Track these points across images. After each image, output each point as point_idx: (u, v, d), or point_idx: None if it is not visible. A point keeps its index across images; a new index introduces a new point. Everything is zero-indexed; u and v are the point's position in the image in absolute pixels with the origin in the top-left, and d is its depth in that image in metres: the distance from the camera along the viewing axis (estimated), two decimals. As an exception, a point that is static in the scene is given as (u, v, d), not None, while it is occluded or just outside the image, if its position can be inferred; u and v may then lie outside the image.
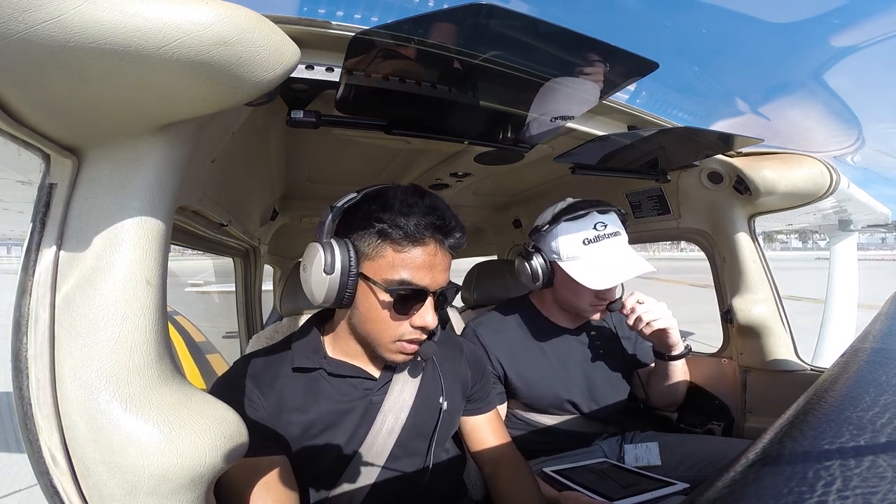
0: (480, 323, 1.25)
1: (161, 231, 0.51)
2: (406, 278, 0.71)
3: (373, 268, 0.72)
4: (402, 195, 0.73)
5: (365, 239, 0.72)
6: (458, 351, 0.97)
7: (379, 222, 0.71)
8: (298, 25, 0.62)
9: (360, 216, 0.73)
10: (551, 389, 1.19)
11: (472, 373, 0.96)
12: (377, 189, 0.76)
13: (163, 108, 0.46)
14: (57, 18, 0.35)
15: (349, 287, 0.71)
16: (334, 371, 0.79)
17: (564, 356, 1.22)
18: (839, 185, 1.18)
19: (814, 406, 0.31)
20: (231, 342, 4.46)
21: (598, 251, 1.07)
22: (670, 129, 1.01)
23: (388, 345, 0.75)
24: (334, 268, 0.70)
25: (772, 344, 1.25)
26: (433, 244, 0.73)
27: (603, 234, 1.08)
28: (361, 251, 0.73)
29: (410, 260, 0.72)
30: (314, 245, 0.73)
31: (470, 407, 0.96)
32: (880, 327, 0.49)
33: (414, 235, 0.71)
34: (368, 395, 0.81)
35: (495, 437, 0.97)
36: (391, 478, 0.80)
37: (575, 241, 1.07)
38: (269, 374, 0.77)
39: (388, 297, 0.72)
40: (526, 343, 1.22)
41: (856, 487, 0.21)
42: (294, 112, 0.75)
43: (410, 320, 0.74)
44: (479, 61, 0.68)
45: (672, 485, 0.96)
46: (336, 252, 0.71)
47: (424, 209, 0.72)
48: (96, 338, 0.46)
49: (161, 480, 0.45)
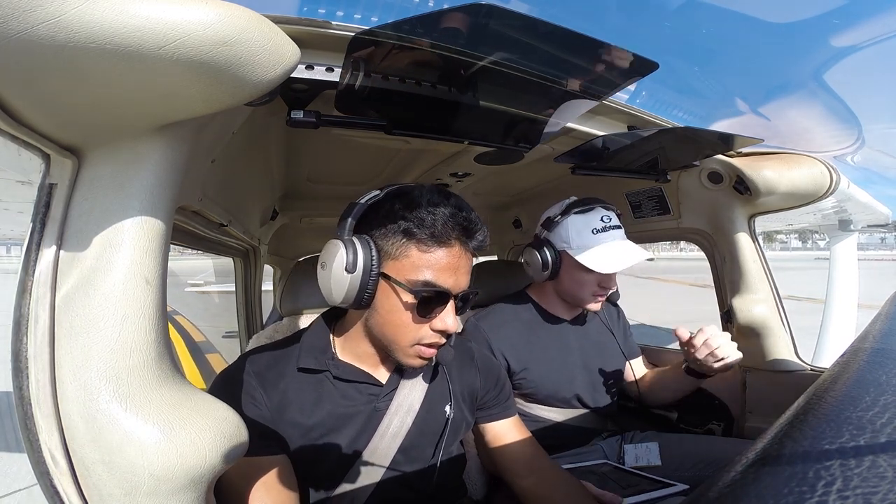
0: (483, 317, 1.27)
1: (161, 231, 0.51)
2: (430, 279, 0.70)
3: (396, 267, 0.70)
4: (429, 194, 0.72)
5: (388, 238, 0.71)
6: (469, 358, 0.95)
7: (405, 220, 0.69)
8: (298, 25, 0.62)
9: (384, 214, 0.71)
10: (553, 379, 1.21)
11: (483, 380, 0.93)
12: (401, 187, 0.74)
13: (163, 108, 0.46)
14: (57, 18, 0.35)
15: (370, 287, 0.69)
16: (340, 375, 0.78)
17: (564, 346, 1.26)
18: (839, 185, 1.18)
19: (814, 406, 0.31)
20: (231, 342, 4.46)
21: (606, 240, 1.15)
22: (670, 129, 1.01)
23: (406, 348, 0.73)
24: (356, 266, 0.68)
25: (772, 344, 1.25)
26: (458, 246, 0.72)
27: (609, 226, 1.16)
28: (384, 250, 0.71)
29: (435, 261, 0.70)
30: (335, 242, 0.71)
31: (485, 414, 0.94)
32: (880, 327, 0.49)
33: (441, 236, 0.70)
34: (373, 400, 0.79)
35: (523, 443, 0.93)
36: (395, 481, 0.79)
37: (585, 230, 1.15)
38: (274, 372, 0.76)
39: (410, 298, 0.70)
40: (528, 335, 1.24)
41: (856, 487, 0.21)
42: (294, 112, 0.75)
43: (431, 323, 0.72)
44: (479, 61, 0.68)
45: (672, 485, 0.96)
46: (359, 250, 0.69)
47: (451, 209, 0.71)
48: (96, 338, 0.46)
49: (161, 480, 0.45)
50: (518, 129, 0.93)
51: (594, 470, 1.09)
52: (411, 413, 0.81)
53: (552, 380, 1.21)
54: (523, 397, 1.24)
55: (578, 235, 1.15)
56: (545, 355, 1.23)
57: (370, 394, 0.79)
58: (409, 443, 0.80)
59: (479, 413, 0.94)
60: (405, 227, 0.69)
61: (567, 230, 1.16)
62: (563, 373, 1.23)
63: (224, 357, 4.96)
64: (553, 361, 1.23)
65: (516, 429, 0.95)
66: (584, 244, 1.15)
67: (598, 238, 1.14)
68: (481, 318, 1.27)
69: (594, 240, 1.14)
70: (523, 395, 1.23)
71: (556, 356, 1.24)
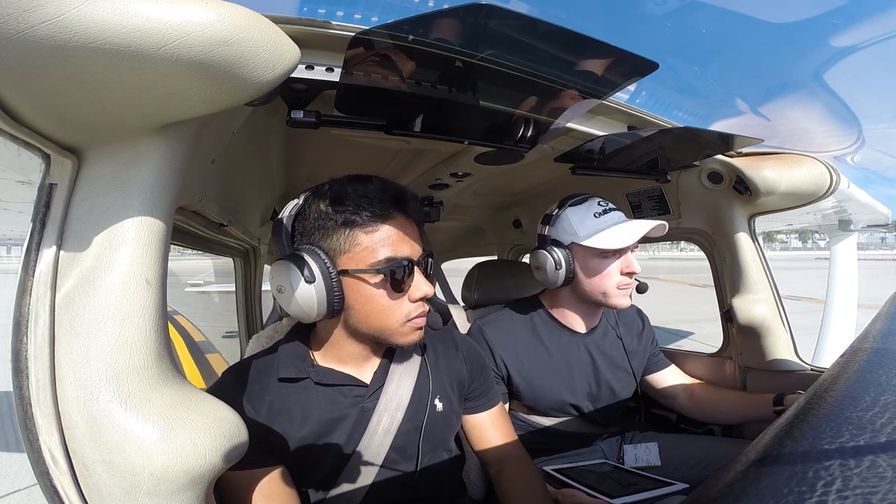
0: (488, 322, 1.23)
1: (161, 231, 0.51)
2: (389, 255, 0.71)
3: (352, 260, 0.71)
4: (350, 183, 0.73)
5: (331, 236, 0.71)
6: (454, 347, 0.95)
7: (340, 213, 0.70)
8: (298, 25, 0.62)
9: (315, 217, 0.72)
10: (555, 393, 1.18)
11: (470, 369, 0.94)
12: (317, 187, 0.75)
13: (163, 108, 0.46)
14: (57, 18, 0.35)
15: (336, 289, 0.70)
16: (322, 380, 0.77)
17: (571, 360, 1.21)
18: (839, 185, 1.18)
19: (814, 406, 0.31)
20: (231, 342, 4.46)
21: (611, 220, 1.11)
22: (670, 129, 1.01)
23: (400, 328, 0.74)
24: (315, 275, 0.68)
25: (772, 344, 1.25)
26: (399, 216, 0.73)
27: (608, 208, 1.14)
28: (332, 249, 0.71)
29: (386, 236, 0.71)
30: (281, 262, 0.70)
31: (470, 405, 0.95)
32: (880, 327, 0.49)
33: (380, 213, 0.70)
34: (360, 402, 0.79)
35: (499, 435, 0.95)
36: (391, 480, 0.79)
37: (587, 216, 1.12)
38: (259, 386, 0.76)
39: (380, 278, 0.71)
40: (533, 345, 1.20)
41: (856, 487, 0.21)
42: (294, 112, 0.75)
43: (409, 294, 0.73)
44: (479, 61, 0.68)
45: (672, 485, 0.96)
46: (308, 259, 0.69)
47: (378, 185, 0.73)
48: (96, 338, 0.46)
49: (161, 480, 0.45)
50: (518, 129, 0.93)
51: (594, 469, 1.09)
52: (401, 409, 0.80)
53: (555, 393, 1.18)
54: (524, 408, 1.22)
55: (582, 223, 1.12)
56: (550, 368, 1.18)
57: (356, 395, 0.79)
58: (401, 440, 0.80)
59: (466, 403, 0.94)
60: (343, 218, 0.70)
61: (569, 221, 1.13)
62: (567, 386, 1.19)
63: (224, 357, 4.96)
64: (557, 375, 1.18)
65: (497, 420, 0.97)
66: (591, 229, 1.10)
67: (603, 220, 1.11)
68: (486, 323, 1.22)
69: (600, 222, 1.11)
70: (524, 405, 1.21)
71: (562, 369, 1.19)
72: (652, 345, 1.35)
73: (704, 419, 1.33)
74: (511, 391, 1.19)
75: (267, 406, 0.74)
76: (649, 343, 1.34)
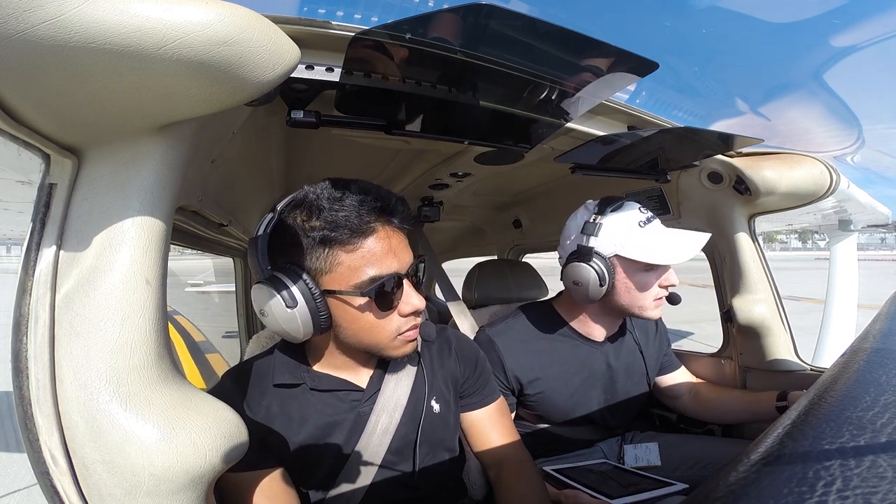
0: (499, 332, 1.16)
1: (161, 231, 0.51)
2: (374, 274, 0.66)
3: (335, 280, 0.66)
4: (326, 191, 0.67)
5: (310, 254, 0.66)
6: (447, 346, 0.92)
7: (315, 230, 0.65)
8: (298, 25, 0.62)
9: (291, 234, 0.66)
10: (569, 407, 1.15)
11: (463, 367, 0.92)
12: (292, 197, 0.69)
13: (163, 108, 0.46)
14: (57, 18, 0.35)
15: (321, 311, 0.66)
16: (317, 386, 0.77)
17: (587, 371, 1.16)
18: (839, 185, 1.18)
19: (814, 406, 0.31)
20: (231, 342, 4.46)
21: (656, 231, 1.03)
22: (670, 129, 1.01)
23: (391, 343, 0.72)
24: (296, 299, 0.64)
25: (772, 344, 1.25)
26: (382, 227, 0.68)
27: (651, 216, 1.05)
28: (314, 268, 0.66)
29: (369, 254, 0.66)
30: (259, 286, 0.66)
31: (465, 402, 0.93)
32: (880, 327, 0.49)
33: (360, 228, 0.65)
34: (356, 406, 0.78)
35: (498, 434, 0.92)
36: (390, 480, 0.79)
37: (632, 226, 1.02)
38: (257, 390, 0.75)
39: (364, 300, 0.67)
40: (548, 356, 1.14)
41: (856, 487, 0.21)
42: (294, 112, 0.75)
43: (398, 311, 0.70)
44: (479, 61, 0.68)
45: (672, 485, 0.96)
46: (288, 282, 0.64)
47: (357, 196, 0.66)
48: (96, 338, 0.46)
49: (161, 480, 0.45)
50: (518, 129, 0.93)
51: (594, 469, 1.09)
52: (398, 409, 0.80)
53: (568, 407, 1.15)
54: (533, 417, 1.20)
55: (628, 233, 1.01)
56: (564, 380, 1.13)
57: (352, 400, 0.79)
58: (399, 440, 0.79)
59: (461, 401, 0.93)
60: (320, 236, 0.64)
61: (613, 232, 1.01)
62: (582, 398, 1.16)
63: (224, 357, 4.96)
64: (570, 386, 1.14)
65: (494, 418, 0.94)
66: (639, 241, 1.01)
67: (649, 230, 1.02)
68: (496, 333, 1.15)
69: (646, 234, 1.01)
70: (534, 415, 1.19)
71: (576, 380, 1.15)
72: (666, 346, 1.32)
73: (707, 419, 1.32)
74: (521, 402, 1.16)
75: (265, 409, 0.74)
76: (663, 344, 1.31)
